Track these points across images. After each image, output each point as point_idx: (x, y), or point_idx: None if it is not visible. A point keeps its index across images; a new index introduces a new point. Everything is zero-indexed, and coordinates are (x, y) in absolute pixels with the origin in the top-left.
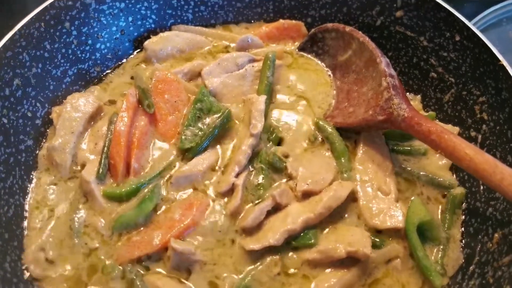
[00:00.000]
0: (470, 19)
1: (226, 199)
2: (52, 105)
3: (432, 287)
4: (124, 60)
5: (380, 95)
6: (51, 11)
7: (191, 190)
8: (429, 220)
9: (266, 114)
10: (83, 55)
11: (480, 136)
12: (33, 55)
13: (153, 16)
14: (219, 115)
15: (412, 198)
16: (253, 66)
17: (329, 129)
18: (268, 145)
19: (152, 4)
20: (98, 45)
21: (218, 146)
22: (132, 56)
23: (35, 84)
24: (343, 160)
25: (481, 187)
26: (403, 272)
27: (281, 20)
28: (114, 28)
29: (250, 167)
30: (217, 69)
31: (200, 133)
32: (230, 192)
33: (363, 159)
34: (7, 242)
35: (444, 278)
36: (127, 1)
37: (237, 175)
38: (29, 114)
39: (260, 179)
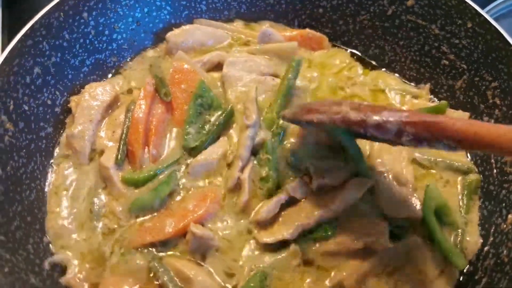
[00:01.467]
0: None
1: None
2: (71, 93)
3: (451, 272)
4: (143, 51)
5: None
6: (70, 1)
7: (206, 182)
8: (446, 204)
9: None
10: (100, 45)
11: (492, 121)
12: (52, 44)
13: (168, 7)
14: (221, 112)
15: (428, 184)
16: (273, 79)
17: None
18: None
19: None
20: (114, 36)
21: (226, 138)
22: (152, 47)
23: (54, 73)
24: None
25: (494, 171)
26: (422, 259)
27: (307, 29)
28: (130, 19)
29: (255, 160)
30: (241, 64)
31: (203, 131)
32: (238, 187)
33: (380, 151)
34: (30, 225)
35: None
36: None
37: (242, 169)
38: (49, 102)
39: (267, 170)
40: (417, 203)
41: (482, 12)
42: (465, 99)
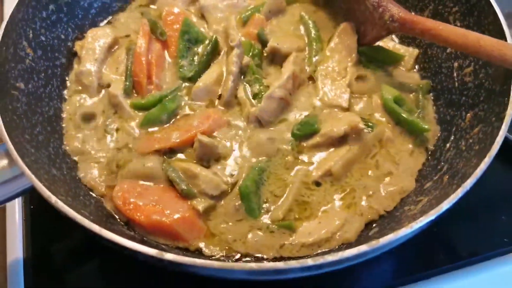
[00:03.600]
0: None
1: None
2: (80, 31)
3: (422, 140)
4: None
5: (373, 14)
6: None
7: (207, 103)
8: (401, 96)
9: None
10: None
11: None
12: None
13: None
14: (207, 43)
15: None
16: (244, 1)
17: (309, 20)
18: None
19: None
20: None
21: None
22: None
23: (67, 12)
24: (314, 46)
25: (456, 84)
26: (395, 139)
27: None
28: None
29: (245, 83)
30: None
31: (194, 62)
32: (235, 102)
33: (333, 49)
34: (50, 134)
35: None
36: None
37: (233, 84)
38: (62, 37)
39: (257, 87)
40: (346, 96)
41: None
42: None
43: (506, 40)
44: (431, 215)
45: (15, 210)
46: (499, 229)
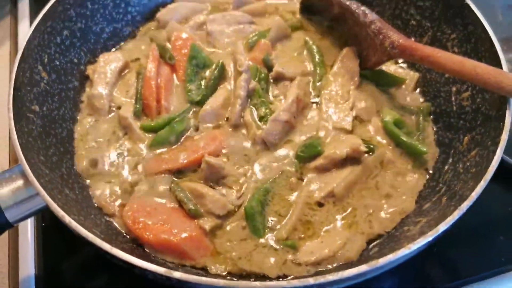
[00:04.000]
0: None
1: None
2: (93, 55)
3: (421, 162)
4: (141, 27)
5: (374, 40)
6: None
7: (214, 125)
8: (401, 119)
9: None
10: (117, 16)
11: None
12: (78, 12)
13: None
14: (214, 67)
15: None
16: (250, 26)
17: (313, 46)
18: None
19: None
20: (129, 9)
21: (223, 88)
22: (146, 24)
23: (80, 37)
24: (318, 70)
25: (454, 108)
26: (396, 161)
27: None
28: None
29: (251, 106)
30: (220, 19)
31: (202, 86)
32: (242, 125)
33: (336, 74)
34: (63, 154)
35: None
36: None
37: (241, 107)
38: (75, 61)
39: (263, 110)
40: (350, 119)
41: None
42: None
43: (501, 67)
44: (429, 236)
45: (28, 228)
46: (497, 249)
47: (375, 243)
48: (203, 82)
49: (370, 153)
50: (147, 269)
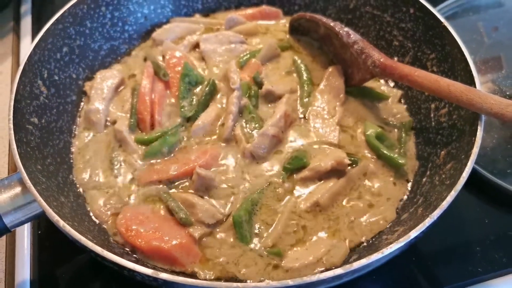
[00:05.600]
0: (435, 6)
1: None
2: (90, 71)
3: (402, 174)
4: (137, 45)
5: (358, 60)
6: None
7: (205, 140)
8: (383, 132)
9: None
10: (115, 34)
11: None
12: (77, 30)
13: (170, 6)
14: (206, 84)
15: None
16: (241, 46)
17: (301, 64)
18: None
19: None
20: (126, 27)
21: (214, 104)
22: (142, 43)
23: (78, 53)
24: (305, 88)
25: (432, 123)
26: (378, 172)
27: (263, 6)
28: (139, 14)
29: (243, 122)
30: (213, 38)
31: (194, 102)
32: (233, 139)
33: (322, 91)
34: (59, 164)
35: (405, 160)
36: None
37: (233, 123)
38: (74, 76)
39: (253, 125)
40: (336, 134)
41: None
42: None
43: (475, 86)
44: (401, 242)
45: (24, 235)
46: (474, 259)
47: (356, 251)
48: (195, 98)
49: (354, 165)
50: (135, 271)
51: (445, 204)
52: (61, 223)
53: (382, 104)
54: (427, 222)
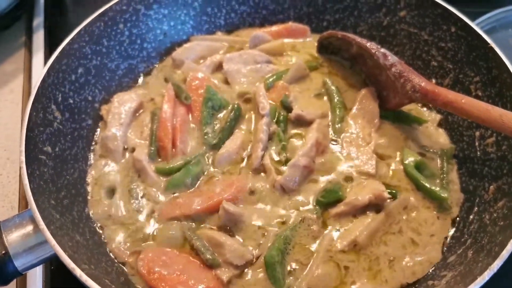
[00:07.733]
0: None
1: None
2: (107, 92)
3: (445, 208)
4: (157, 65)
5: (395, 83)
6: (109, 13)
7: (230, 170)
8: (422, 160)
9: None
10: (133, 52)
11: None
12: (93, 49)
13: (191, 22)
14: (230, 109)
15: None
16: (267, 65)
17: (332, 86)
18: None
19: (191, 11)
20: (145, 45)
21: (240, 131)
22: (161, 63)
23: (94, 74)
24: (337, 112)
25: (478, 153)
26: (419, 205)
27: (290, 23)
28: (158, 31)
29: (272, 150)
30: (237, 58)
31: (217, 127)
32: (261, 169)
33: (355, 115)
34: (74, 197)
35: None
36: (169, 8)
37: (263, 152)
38: (90, 98)
39: (284, 154)
40: (373, 162)
41: (463, 17)
42: None
43: None
44: None
45: (36, 272)
46: None
47: None
48: (218, 124)
49: (393, 198)
50: None
51: (505, 253)
52: (78, 272)
53: (420, 129)
54: (487, 275)
